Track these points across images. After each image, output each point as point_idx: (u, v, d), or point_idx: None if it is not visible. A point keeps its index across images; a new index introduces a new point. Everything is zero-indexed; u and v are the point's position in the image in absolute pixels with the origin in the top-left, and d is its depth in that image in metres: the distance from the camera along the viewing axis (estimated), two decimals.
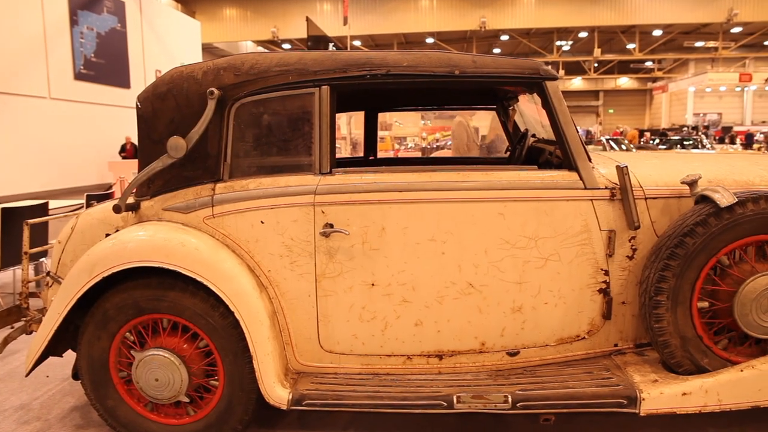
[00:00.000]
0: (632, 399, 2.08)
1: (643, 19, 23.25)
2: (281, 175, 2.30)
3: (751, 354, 2.20)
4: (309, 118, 2.29)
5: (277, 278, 2.28)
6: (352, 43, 23.71)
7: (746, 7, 22.08)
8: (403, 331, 2.29)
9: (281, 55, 2.38)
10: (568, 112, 2.28)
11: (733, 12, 22.01)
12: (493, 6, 23.40)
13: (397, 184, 2.23)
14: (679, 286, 2.13)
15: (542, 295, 2.27)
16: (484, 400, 2.12)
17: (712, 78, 26.53)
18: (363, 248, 2.24)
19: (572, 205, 2.24)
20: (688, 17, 22.99)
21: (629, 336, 2.38)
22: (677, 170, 2.38)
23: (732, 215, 2.09)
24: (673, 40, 26.64)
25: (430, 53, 2.33)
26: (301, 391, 2.19)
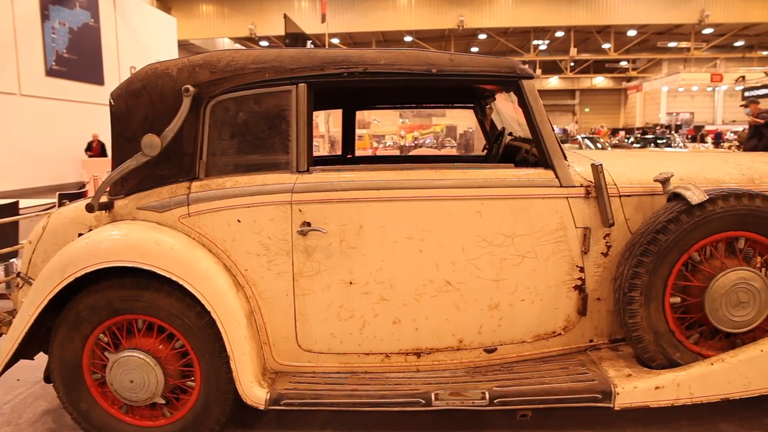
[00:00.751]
0: (607, 393, 2.12)
1: (618, 19, 23.61)
2: (258, 173, 2.28)
3: (721, 348, 2.25)
4: (286, 115, 2.28)
5: (254, 277, 2.26)
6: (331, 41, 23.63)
7: (717, 9, 22.56)
8: (381, 329, 2.29)
9: (258, 52, 2.36)
10: (544, 110, 2.31)
11: (704, 13, 22.47)
12: (471, 5, 23.53)
13: (374, 183, 2.23)
14: (652, 282, 2.17)
15: (519, 292, 2.29)
16: (462, 397, 2.13)
17: (684, 78, 27.05)
18: (341, 247, 2.23)
19: (548, 202, 2.27)
20: (661, 18, 23.40)
21: (604, 332, 2.42)
22: (650, 168, 2.42)
23: (703, 212, 2.13)
24: (647, 41, 27.09)
25: (407, 51, 2.33)
26: (279, 390, 2.18)
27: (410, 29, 24.97)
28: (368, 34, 25.92)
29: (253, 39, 25.14)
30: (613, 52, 26.98)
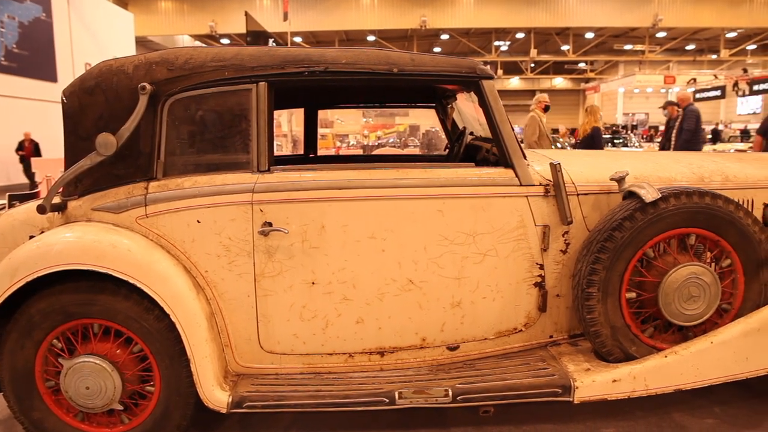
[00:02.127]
0: (566, 388, 2.16)
1: (576, 21, 24.15)
2: (218, 173, 2.24)
3: (674, 341, 2.32)
4: (246, 114, 2.25)
5: (215, 279, 2.23)
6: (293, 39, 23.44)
7: (670, 14, 23.31)
8: (344, 329, 2.28)
9: (217, 50, 2.32)
10: (503, 110, 2.34)
11: (658, 17, 23.19)
12: (433, 5, 23.69)
13: (336, 182, 2.22)
14: (609, 278, 2.23)
15: (480, 289, 2.32)
16: (425, 395, 2.14)
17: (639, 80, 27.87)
18: (303, 247, 2.22)
19: (508, 201, 2.30)
20: (617, 21, 24.05)
21: (564, 327, 2.47)
22: (606, 167, 2.48)
23: (656, 210, 2.20)
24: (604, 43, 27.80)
25: (368, 51, 2.33)
26: (242, 393, 2.15)
27: (373, 29, 24.98)
28: (331, 33, 25.81)
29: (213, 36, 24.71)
30: (571, 53, 27.58)
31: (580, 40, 27.07)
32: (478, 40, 27.51)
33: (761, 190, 2.64)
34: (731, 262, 2.30)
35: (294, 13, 21.41)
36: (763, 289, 2.29)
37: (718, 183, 2.56)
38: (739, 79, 22.60)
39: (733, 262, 2.29)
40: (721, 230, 2.25)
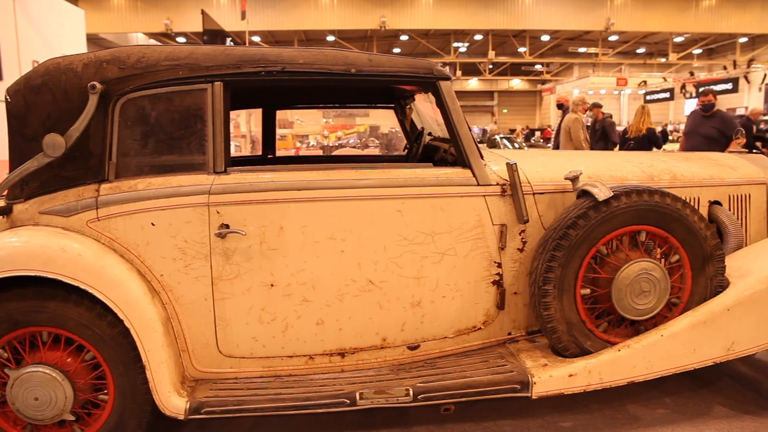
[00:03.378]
0: (525, 384, 2.20)
1: (532, 24, 24.63)
2: (173, 174, 2.19)
3: (627, 335, 2.39)
4: (201, 115, 2.21)
5: (171, 282, 2.18)
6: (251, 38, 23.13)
7: (621, 18, 24.03)
8: (304, 331, 2.27)
9: (171, 48, 2.27)
10: (461, 111, 2.36)
11: (610, 21, 23.87)
12: (392, 6, 23.76)
13: (295, 183, 2.20)
14: (565, 275, 2.28)
15: (440, 289, 2.34)
16: (387, 395, 2.15)
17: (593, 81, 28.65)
18: (261, 248, 2.19)
19: (466, 201, 2.33)
20: (572, 24, 24.65)
21: (522, 324, 2.52)
22: (561, 167, 2.54)
23: (609, 208, 2.26)
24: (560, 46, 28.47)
25: (326, 51, 2.32)
26: (200, 399, 2.11)
27: (332, 29, 24.89)
28: (290, 32, 25.58)
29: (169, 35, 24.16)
30: (528, 55, 28.11)
31: (536, 43, 27.63)
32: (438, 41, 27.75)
33: (706, 188, 2.75)
34: (679, 257, 2.38)
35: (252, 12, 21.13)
36: (708, 283, 2.38)
37: (666, 182, 2.66)
38: (686, 81, 23.50)
39: (681, 257, 2.38)
40: (670, 227, 2.32)
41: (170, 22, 23.14)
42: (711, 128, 5.97)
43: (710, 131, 5.97)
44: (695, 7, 23.89)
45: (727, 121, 6.05)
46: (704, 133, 6.02)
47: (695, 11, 23.93)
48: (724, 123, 6.00)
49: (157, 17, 23.29)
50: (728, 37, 25.84)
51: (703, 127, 6.08)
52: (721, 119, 6.05)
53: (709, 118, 6.06)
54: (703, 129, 6.09)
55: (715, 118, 6.04)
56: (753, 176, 2.88)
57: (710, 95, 6.12)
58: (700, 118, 6.19)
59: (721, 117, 6.09)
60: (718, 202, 2.77)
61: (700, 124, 6.16)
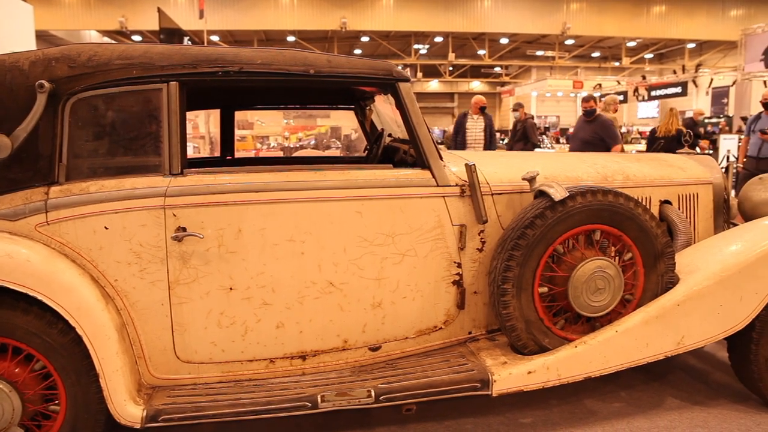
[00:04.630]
0: (485, 382, 2.23)
1: (491, 27, 24.98)
2: (127, 176, 2.14)
3: (583, 331, 2.45)
4: (157, 115, 2.16)
5: (126, 287, 2.12)
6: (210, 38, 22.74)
7: (577, 23, 24.62)
8: (264, 334, 2.24)
9: (124, 47, 2.21)
10: (420, 112, 2.38)
11: (566, 26, 24.43)
12: (353, 7, 23.72)
13: (253, 185, 2.18)
14: (523, 274, 2.32)
15: (400, 289, 2.35)
16: (348, 397, 2.14)
17: (551, 84, 29.27)
18: (219, 251, 2.16)
19: (426, 201, 2.35)
20: (529, 28, 25.10)
21: (482, 323, 2.55)
22: (519, 168, 2.58)
23: (565, 208, 2.31)
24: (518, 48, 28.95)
25: (284, 51, 2.30)
26: (157, 406, 2.06)
27: (293, 29, 24.67)
28: (250, 32, 25.24)
29: (124, 33, 23.49)
30: (487, 58, 28.51)
31: (495, 45, 28.04)
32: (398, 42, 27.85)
33: (657, 188, 2.85)
34: (632, 255, 2.45)
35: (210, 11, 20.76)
36: (660, 280, 2.46)
37: (619, 182, 2.74)
38: (639, 85, 24.26)
39: (633, 255, 2.45)
40: (623, 226, 2.39)
41: (125, 19, 22.51)
42: (591, 133, 6.19)
43: (589, 136, 6.19)
44: (646, 14, 24.70)
45: (606, 127, 6.23)
46: (583, 138, 6.23)
47: (646, 17, 24.74)
48: (604, 128, 6.19)
49: (112, 14, 22.61)
50: (677, 42, 26.80)
51: (584, 131, 6.29)
52: (601, 125, 6.23)
53: (591, 123, 6.26)
54: (582, 133, 6.31)
55: (596, 124, 6.25)
56: (700, 176, 2.99)
57: (591, 101, 6.33)
58: (583, 123, 6.42)
59: (602, 123, 6.27)
60: (669, 202, 2.87)
61: (581, 129, 6.40)
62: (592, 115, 6.28)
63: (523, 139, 8.20)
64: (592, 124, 6.24)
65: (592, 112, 6.29)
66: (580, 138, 6.31)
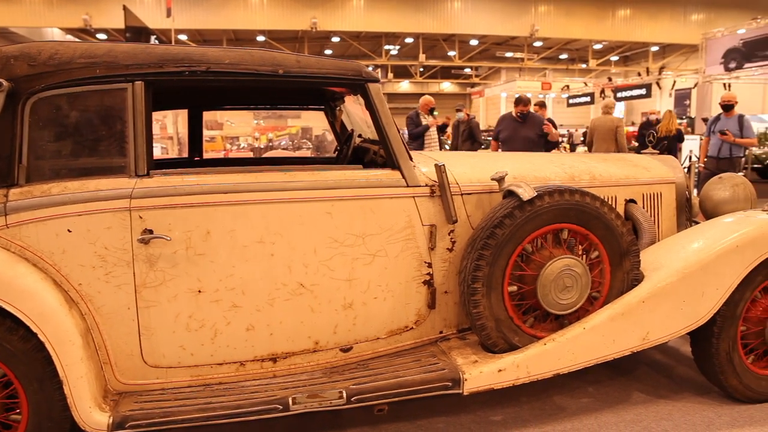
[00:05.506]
0: (456, 381, 2.24)
1: (461, 29, 25.19)
2: (91, 178, 2.09)
3: (552, 329, 2.48)
4: (122, 115, 2.11)
5: (90, 292, 2.07)
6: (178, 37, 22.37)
7: (545, 25, 25.02)
8: (234, 337, 2.21)
9: (87, 45, 2.16)
10: (389, 113, 2.38)
11: (534, 28, 24.80)
12: (323, 7, 23.63)
13: (221, 186, 2.15)
14: (492, 274, 2.34)
15: (371, 290, 2.35)
16: (320, 399, 2.13)
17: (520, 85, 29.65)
18: (187, 254, 2.12)
19: (396, 202, 2.35)
20: (498, 30, 25.40)
21: (452, 322, 2.56)
22: (488, 168, 2.61)
23: (533, 207, 2.34)
24: (488, 50, 29.25)
25: (253, 51, 2.28)
26: (123, 412, 2.02)
27: (262, 29, 24.46)
28: (219, 31, 24.91)
29: (88, 31, 22.93)
30: (458, 59, 28.74)
31: (465, 47, 28.28)
32: (369, 43, 27.86)
33: (623, 188, 2.91)
34: (599, 253, 2.49)
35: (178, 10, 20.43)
36: (625, 277, 2.51)
37: (586, 182, 2.79)
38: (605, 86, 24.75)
39: (600, 253, 2.49)
40: (590, 225, 2.44)
41: (89, 17, 21.97)
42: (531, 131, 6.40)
43: (533, 134, 6.39)
44: (612, 17, 25.25)
45: (538, 122, 6.50)
46: (526, 136, 6.39)
47: (612, 21, 25.29)
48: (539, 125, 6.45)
49: (75, 12, 22.05)
50: (642, 45, 27.45)
51: (525, 130, 6.43)
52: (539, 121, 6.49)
53: (524, 123, 6.45)
54: (524, 132, 6.43)
55: (531, 122, 6.47)
56: (664, 176, 3.07)
57: (520, 105, 6.50)
58: (515, 124, 6.52)
59: (532, 118, 6.53)
60: (633, 201, 2.94)
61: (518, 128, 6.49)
62: (525, 118, 6.47)
63: (470, 139, 8.33)
64: (527, 123, 6.43)
65: (526, 115, 6.48)
66: (521, 137, 6.40)
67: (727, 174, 3.32)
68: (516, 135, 6.46)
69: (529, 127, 6.43)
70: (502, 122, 6.91)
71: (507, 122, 6.73)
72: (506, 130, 6.64)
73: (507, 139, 6.55)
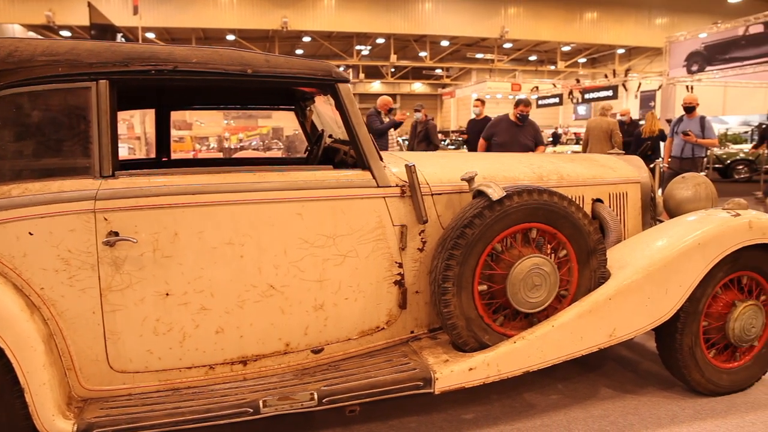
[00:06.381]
0: (427, 380, 2.25)
1: (432, 29, 25.35)
2: (54, 179, 2.03)
3: (521, 327, 2.51)
4: (85, 115, 2.06)
5: (53, 296, 2.01)
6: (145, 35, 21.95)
7: (514, 27, 25.37)
8: (203, 340, 2.18)
9: (48, 42, 2.11)
10: (359, 113, 2.38)
11: (504, 29, 25.11)
12: (294, 7, 23.49)
13: (189, 187, 2.12)
14: (463, 273, 2.36)
15: (342, 291, 2.34)
16: (291, 401, 2.12)
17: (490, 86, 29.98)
18: (154, 256, 2.09)
19: (366, 202, 2.35)
20: (469, 31, 25.64)
21: (424, 322, 2.57)
22: (458, 168, 2.63)
23: (502, 207, 2.36)
24: (458, 51, 29.50)
25: (221, 50, 2.25)
26: (89, 420, 1.97)
27: (232, 28, 24.19)
28: (188, 30, 24.54)
29: (51, 27, 22.32)
30: (429, 60, 28.89)
31: (436, 48, 28.46)
32: (340, 43, 27.81)
33: (590, 187, 2.96)
34: (567, 252, 2.53)
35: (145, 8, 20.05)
36: (593, 275, 2.56)
37: (554, 181, 2.83)
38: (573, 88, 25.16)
39: (568, 252, 2.53)
40: (558, 224, 2.47)
41: (52, 13, 21.41)
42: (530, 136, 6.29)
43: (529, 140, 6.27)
44: (579, 20, 25.73)
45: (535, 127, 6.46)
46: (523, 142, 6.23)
47: (579, 23, 25.77)
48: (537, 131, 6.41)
49: (38, 8, 21.45)
50: (608, 48, 28.04)
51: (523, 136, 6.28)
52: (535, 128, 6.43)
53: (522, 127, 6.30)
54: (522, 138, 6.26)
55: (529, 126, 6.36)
56: (629, 176, 3.14)
57: (521, 105, 6.33)
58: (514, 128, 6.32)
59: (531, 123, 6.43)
60: (600, 200, 2.99)
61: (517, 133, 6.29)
62: (525, 120, 6.33)
63: (426, 141, 8.35)
64: (525, 128, 6.31)
65: (526, 117, 6.34)
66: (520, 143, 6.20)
67: (689, 174, 3.40)
68: (514, 141, 6.21)
69: (527, 133, 6.25)
70: (497, 125, 6.54)
71: (504, 126, 6.43)
72: (503, 134, 6.35)
73: (503, 144, 6.25)
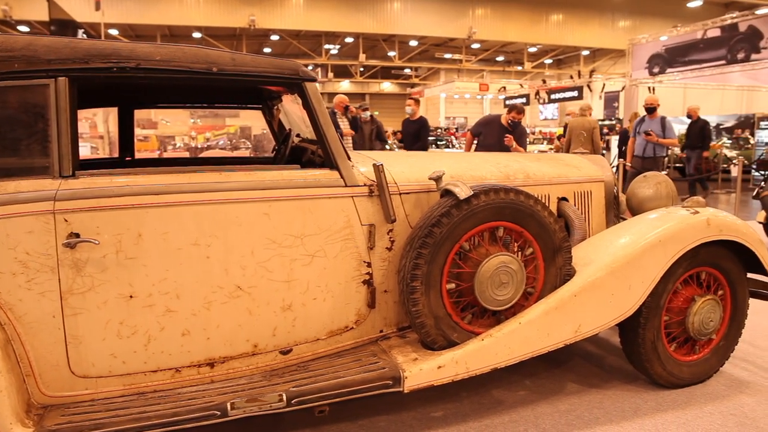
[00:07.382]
0: (397, 379, 2.26)
1: (401, 29, 25.42)
2: (10, 179, 1.97)
3: (489, 325, 2.53)
4: (43, 113, 2.00)
5: (11, 300, 1.95)
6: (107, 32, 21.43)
7: (482, 27, 25.63)
8: (169, 343, 2.14)
9: (4, 38, 2.04)
10: (327, 112, 2.37)
11: (472, 30, 25.34)
12: (261, 5, 23.25)
13: (153, 187, 2.08)
14: (431, 272, 2.37)
15: (311, 291, 2.33)
16: (259, 402, 2.10)
17: (458, 86, 30.26)
18: (117, 258, 2.04)
19: (334, 202, 2.34)
20: (437, 31, 25.80)
21: (392, 321, 2.58)
22: (426, 168, 2.64)
23: (469, 206, 2.38)
24: (427, 51, 29.64)
25: (186, 48, 2.22)
26: (49, 427, 1.91)
27: (199, 25, 23.80)
28: (152, 27, 24.04)
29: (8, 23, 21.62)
30: (397, 59, 28.96)
31: (405, 47, 28.54)
32: (309, 42, 27.64)
33: (555, 186, 3.01)
34: (533, 250, 2.57)
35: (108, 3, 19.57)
36: (558, 273, 2.60)
37: (521, 180, 2.87)
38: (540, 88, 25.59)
39: (534, 250, 2.57)
40: (524, 222, 2.51)
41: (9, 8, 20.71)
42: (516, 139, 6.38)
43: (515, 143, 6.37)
44: (545, 21, 26.15)
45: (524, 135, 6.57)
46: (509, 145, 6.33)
47: (545, 25, 26.19)
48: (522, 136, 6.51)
49: None
50: (573, 49, 28.57)
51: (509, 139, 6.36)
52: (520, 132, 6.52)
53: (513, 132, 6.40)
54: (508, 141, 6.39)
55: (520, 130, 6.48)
56: (594, 175, 3.20)
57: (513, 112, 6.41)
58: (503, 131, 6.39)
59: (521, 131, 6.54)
60: (565, 199, 3.05)
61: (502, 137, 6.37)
62: (516, 127, 6.41)
63: (379, 139, 8.44)
64: (515, 134, 6.37)
65: (518, 124, 6.42)
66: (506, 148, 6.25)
67: (651, 173, 3.49)
68: (502, 145, 6.28)
69: (516, 138, 6.32)
70: (487, 125, 6.61)
71: (494, 127, 6.47)
72: (491, 136, 6.40)
73: (490, 146, 6.32)
